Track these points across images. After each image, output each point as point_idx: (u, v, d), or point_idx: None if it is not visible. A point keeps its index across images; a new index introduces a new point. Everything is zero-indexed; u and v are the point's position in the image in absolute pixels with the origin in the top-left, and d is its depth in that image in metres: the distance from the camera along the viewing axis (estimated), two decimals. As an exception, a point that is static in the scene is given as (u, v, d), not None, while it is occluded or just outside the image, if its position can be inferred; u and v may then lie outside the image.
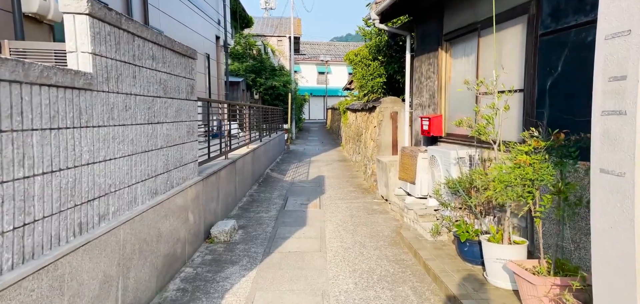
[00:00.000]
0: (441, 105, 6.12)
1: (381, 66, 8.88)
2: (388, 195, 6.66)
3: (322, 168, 11.68)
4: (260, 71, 20.92)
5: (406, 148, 6.12)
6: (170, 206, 3.94)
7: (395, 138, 8.41)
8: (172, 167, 4.13)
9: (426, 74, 6.60)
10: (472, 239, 3.69)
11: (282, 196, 7.87)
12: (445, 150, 4.91)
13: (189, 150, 4.65)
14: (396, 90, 9.42)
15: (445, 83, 6.07)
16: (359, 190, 8.42)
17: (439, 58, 6.09)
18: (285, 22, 31.70)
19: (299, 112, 25.83)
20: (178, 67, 4.33)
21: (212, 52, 13.34)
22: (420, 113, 6.80)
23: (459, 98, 5.76)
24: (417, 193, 5.65)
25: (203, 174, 5.16)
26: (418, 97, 6.95)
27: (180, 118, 4.37)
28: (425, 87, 6.66)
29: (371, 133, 9.29)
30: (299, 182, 9.46)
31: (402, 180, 6.22)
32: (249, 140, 9.07)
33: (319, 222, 6.03)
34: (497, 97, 3.51)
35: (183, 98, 4.48)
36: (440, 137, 6.09)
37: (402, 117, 8.37)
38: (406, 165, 6.01)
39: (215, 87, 13.82)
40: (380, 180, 7.11)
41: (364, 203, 7.23)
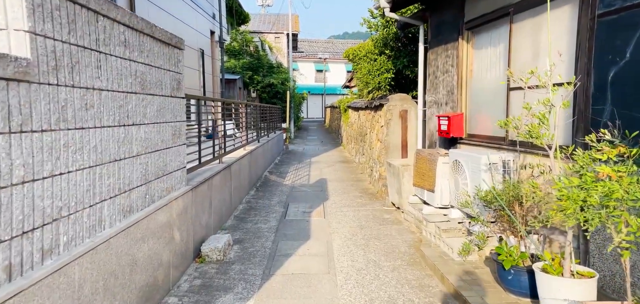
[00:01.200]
0: (461, 102, 5.44)
1: (388, 60, 8.20)
2: (401, 202, 5.99)
3: (324, 170, 11.00)
4: (258, 68, 20.22)
5: (422, 152, 5.44)
6: (150, 225, 3.25)
7: (405, 138, 7.73)
8: (153, 177, 3.44)
9: (443, 68, 5.92)
10: (518, 266, 3.01)
11: (283, 203, 7.18)
12: (474, 155, 4.24)
13: (175, 155, 3.96)
14: (403, 86, 8.75)
15: (466, 77, 5.39)
16: (365, 196, 7.75)
17: (459, 50, 5.41)
18: (282, 19, 30.97)
19: (297, 111, 25.14)
20: (160, 57, 3.63)
21: (206, 48, 12.62)
22: (436, 112, 6.12)
23: (483, 95, 5.08)
24: (436, 203, 4.97)
25: (193, 183, 4.47)
26: (433, 93, 6.27)
27: (163, 119, 3.67)
28: (441, 83, 5.99)
29: (378, 133, 8.61)
30: (300, 186, 8.77)
31: (417, 187, 5.54)
32: (246, 141, 8.38)
33: (324, 234, 5.35)
34: (552, 91, 2.83)
35: (167, 94, 3.78)
36: (460, 139, 5.42)
37: (413, 116, 7.69)
38: (423, 170, 5.33)
39: (210, 85, 13.10)
40: (391, 186, 6.44)
41: (373, 210, 6.55)
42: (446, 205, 4.93)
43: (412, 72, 7.93)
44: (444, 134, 5.50)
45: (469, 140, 5.25)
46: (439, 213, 4.98)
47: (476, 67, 5.26)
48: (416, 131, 7.72)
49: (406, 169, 5.82)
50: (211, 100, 5.55)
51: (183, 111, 4.23)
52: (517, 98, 4.27)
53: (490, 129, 4.88)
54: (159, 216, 3.46)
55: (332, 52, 43.39)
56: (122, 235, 2.78)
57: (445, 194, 4.90)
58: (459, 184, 4.47)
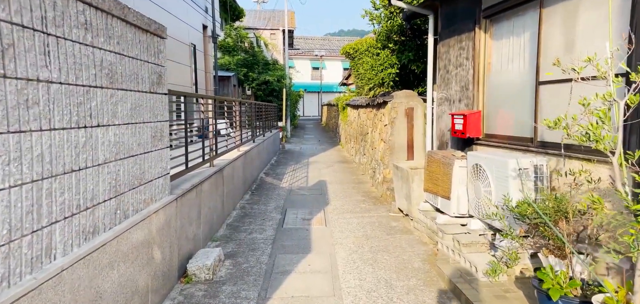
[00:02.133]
0: (478, 98, 4.92)
1: (392, 55, 7.66)
2: (410, 209, 5.46)
3: (323, 171, 10.46)
4: (253, 65, 19.61)
5: (435, 154, 4.91)
6: (121, 247, 2.69)
7: (411, 138, 7.20)
8: (127, 188, 2.88)
9: (456, 61, 5.39)
10: (567, 296, 2.49)
11: (280, 209, 6.63)
12: (499, 158, 3.70)
13: (155, 161, 3.40)
14: (408, 82, 8.22)
15: (483, 71, 4.87)
16: (369, 200, 7.21)
17: (476, 41, 4.88)
18: (278, 15, 30.37)
19: (294, 109, 24.57)
20: (136, 46, 3.07)
21: (198, 43, 12.02)
22: (448, 110, 5.59)
23: (503, 90, 4.56)
24: (452, 211, 4.45)
25: (178, 191, 3.91)
26: (444, 89, 5.74)
27: (140, 118, 3.11)
28: (454, 77, 5.46)
29: (381, 133, 8.08)
30: (298, 189, 8.23)
31: (429, 193, 5.02)
32: (240, 141, 7.81)
33: (327, 246, 4.81)
34: (614, 84, 2.30)
35: (145, 90, 3.22)
36: (477, 139, 4.90)
37: (419, 114, 7.16)
38: (436, 174, 4.80)
39: (203, 82, 12.51)
40: (398, 191, 5.91)
41: (379, 217, 6.02)
42: (463, 214, 4.41)
43: (419, 66, 7.41)
44: (458, 134, 4.97)
45: (487, 141, 4.73)
46: (455, 223, 4.45)
47: (495, 60, 4.73)
48: (423, 130, 7.20)
49: (416, 173, 5.29)
50: (200, 97, 5.00)
51: (165, 109, 3.67)
52: (549, 94, 3.75)
53: (513, 128, 4.36)
54: (134, 235, 2.90)
55: (329, 49, 42.82)
56: (80, 264, 2.22)
57: (463, 202, 4.37)
58: (481, 191, 3.94)
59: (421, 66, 7.38)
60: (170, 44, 9.67)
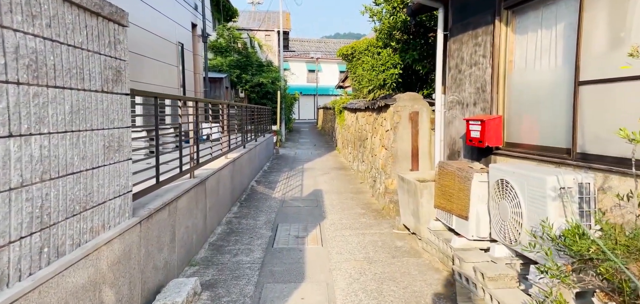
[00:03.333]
0: (497, 102, 4.27)
1: (395, 54, 7.02)
2: (418, 228, 4.80)
3: (319, 178, 9.78)
4: (246, 66, 18.93)
5: (448, 165, 4.26)
6: (46, 299, 2.01)
7: (416, 146, 6.56)
8: (61, 217, 2.20)
9: (470, 60, 4.75)
10: None
11: (270, 224, 5.94)
12: (534, 174, 3.05)
13: (110, 177, 2.71)
14: (412, 84, 7.59)
15: (504, 70, 4.23)
16: (369, 213, 6.55)
17: (496, 36, 4.24)
18: (273, 16, 29.72)
19: (288, 112, 23.90)
20: (79, 32, 2.39)
21: (187, 42, 11.33)
22: (461, 114, 4.95)
23: (529, 92, 3.92)
24: (470, 233, 3.79)
25: (143, 212, 3.22)
26: (456, 91, 5.10)
27: (85, 125, 2.43)
28: (467, 78, 4.82)
29: (382, 139, 7.43)
30: (292, 200, 7.55)
31: (441, 210, 4.36)
32: (228, 147, 7.13)
33: (323, 272, 4.13)
34: None
35: (95, 89, 2.54)
36: (496, 148, 4.25)
37: (425, 119, 6.52)
38: (449, 188, 4.15)
39: (191, 83, 11.81)
40: (403, 205, 5.26)
41: (381, 235, 5.35)
42: (484, 237, 3.75)
43: (424, 67, 6.77)
44: (474, 142, 4.33)
45: (509, 151, 4.08)
46: (474, 247, 3.80)
47: (518, 57, 4.09)
48: (429, 137, 6.56)
49: (425, 187, 4.63)
50: (177, 98, 4.32)
51: (127, 113, 2.99)
52: (592, 96, 3.10)
53: (542, 137, 3.72)
54: (72, 278, 2.21)
55: (325, 51, 42.26)
56: (-33, 338, 1.54)
57: (483, 223, 3.72)
58: (507, 213, 3.29)
59: (427, 66, 6.75)
60: (154, 42, 8.99)
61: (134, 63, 7.81)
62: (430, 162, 6.59)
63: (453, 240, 3.96)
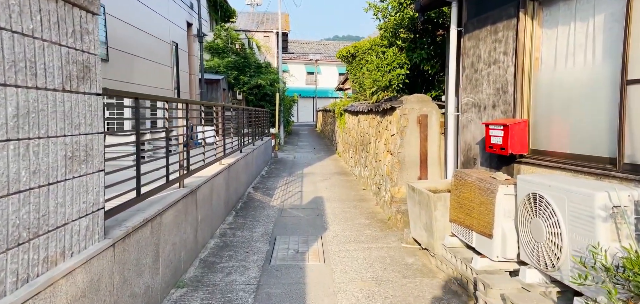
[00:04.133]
0: (521, 104, 3.83)
1: (401, 53, 6.58)
2: (431, 243, 4.34)
3: (319, 184, 9.32)
4: (244, 68, 18.47)
5: (467, 175, 3.80)
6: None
7: (425, 151, 6.11)
8: (2, 247, 1.73)
9: (488, 58, 4.31)
10: None
11: (268, 236, 5.48)
12: (577, 189, 2.60)
13: (73, 194, 2.25)
14: (415, 86, 7.13)
15: (529, 69, 3.78)
16: (375, 224, 6.08)
17: (520, 30, 3.79)
18: (272, 18, 29.30)
19: (287, 114, 23.44)
20: (31, 16, 1.93)
21: (181, 42, 10.88)
22: (477, 118, 4.50)
23: (560, 93, 3.47)
24: (495, 253, 3.33)
25: (118, 231, 2.76)
26: (471, 92, 4.65)
27: (39, 131, 1.97)
28: (485, 78, 4.37)
29: (387, 144, 6.98)
30: (291, 208, 7.08)
31: (458, 225, 3.90)
32: (223, 153, 6.66)
33: (327, 297, 3.67)
34: None
35: (53, 87, 2.08)
36: (521, 156, 3.80)
37: (434, 122, 6.08)
38: (468, 201, 3.69)
39: (186, 85, 11.35)
40: (415, 218, 4.80)
41: (389, 250, 4.89)
42: (510, 258, 3.30)
43: (433, 67, 6.33)
44: (495, 149, 3.87)
45: (536, 160, 3.63)
46: (499, 269, 3.34)
47: (546, 53, 3.64)
48: (439, 142, 6.11)
49: (439, 199, 4.17)
50: (164, 100, 3.85)
51: (98, 117, 2.53)
52: None
53: (577, 144, 3.27)
54: (14, 325, 1.75)
55: (324, 53, 41.87)
56: None
57: (510, 243, 3.26)
58: (542, 232, 2.83)
59: (436, 66, 6.31)
60: (146, 41, 8.54)
61: (123, 63, 7.38)
62: (440, 169, 6.15)
63: (474, 260, 3.50)
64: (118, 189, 3.03)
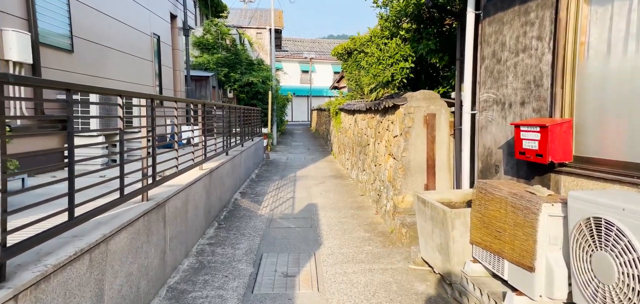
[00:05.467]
0: (561, 100, 3.10)
1: (405, 44, 5.83)
2: (447, 268, 3.59)
3: (313, 189, 8.56)
4: (235, 65, 17.65)
5: (494, 187, 3.06)
6: None
7: (433, 155, 5.37)
8: None
9: (516, 45, 3.57)
10: None
11: (253, 253, 4.72)
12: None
13: None
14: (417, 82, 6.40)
15: (573, 56, 3.05)
16: (376, 237, 5.34)
17: (560, 9, 3.06)
18: (265, 14, 28.49)
19: (281, 114, 22.64)
20: None
21: (164, 35, 10.06)
22: (501, 117, 3.77)
23: (617, 86, 2.74)
24: (537, 292, 2.60)
25: (26, 275, 1.98)
26: (493, 87, 3.92)
27: None
28: (510, 70, 3.64)
29: (389, 146, 6.23)
30: (281, 218, 6.32)
31: (483, 249, 3.16)
32: (203, 156, 5.88)
33: (321, 341, 2.91)
34: None
35: None
36: (561, 165, 3.07)
37: (443, 123, 5.35)
38: (497, 221, 2.95)
39: (170, 81, 10.53)
40: (426, 236, 4.05)
41: (394, 272, 4.15)
42: (559, 298, 2.56)
43: (442, 59, 5.59)
44: (529, 156, 3.14)
45: (584, 169, 2.90)
46: (542, 311, 2.60)
47: (596, 37, 2.91)
48: (448, 145, 5.38)
49: (458, 216, 3.43)
50: (116, 94, 3.05)
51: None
52: None
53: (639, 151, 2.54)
54: None
55: (319, 51, 41.14)
56: None
57: (559, 279, 2.52)
58: (612, 271, 2.10)
59: (445, 59, 5.57)
60: (122, 31, 7.68)
61: (92, 55, 6.57)
62: (449, 176, 5.41)
63: (508, 298, 2.76)
64: (44, 210, 2.25)
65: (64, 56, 5.93)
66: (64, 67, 5.87)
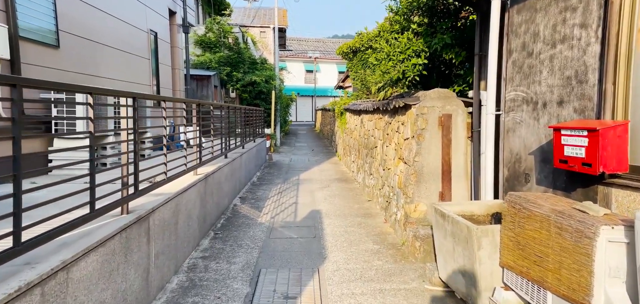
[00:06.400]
0: (614, 99, 2.60)
1: (418, 39, 5.35)
2: (472, 294, 3.09)
3: (317, 194, 8.09)
4: (238, 64, 17.22)
5: (532, 203, 2.57)
6: None
7: (448, 160, 4.88)
8: None
9: (552, 35, 3.08)
10: None
11: (250, 270, 4.25)
12: None
13: None
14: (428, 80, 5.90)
15: (629, 47, 2.55)
16: (385, 250, 4.85)
17: (612, -11, 2.56)
18: (269, 13, 28.04)
19: (284, 114, 22.19)
20: None
21: (162, 31, 9.63)
22: (533, 118, 3.27)
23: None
24: (592, 335, 2.10)
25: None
26: (523, 84, 3.42)
27: None
28: (546, 63, 3.15)
29: (399, 149, 5.74)
30: (282, 227, 5.85)
31: (517, 275, 2.67)
32: (199, 160, 5.42)
33: None
34: None
35: None
36: (612, 176, 2.57)
37: (460, 124, 4.86)
38: (536, 242, 2.46)
39: (168, 80, 10.10)
40: (445, 253, 3.56)
41: (408, 294, 3.66)
42: (620, 343, 2.06)
43: (458, 55, 5.10)
44: (573, 165, 2.64)
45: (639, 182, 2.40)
46: (598, 359, 2.11)
47: (658, 23, 2.41)
48: (465, 149, 4.89)
49: (486, 234, 2.93)
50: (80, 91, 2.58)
51: None
52: None
53: None
54: None
55: (323, 51, 40.69)
56: None
57: (622, 320, 2.03)
58: None
59: (462, 54, 5.08)
60: (116, 27, 7.23)
61: (81, 52, 6.14)
62: (466, 183, 4.92)
63: (553, 340, 2.26)
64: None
65: (49, 52, 5.49)
66: (49, 64, 5.44)
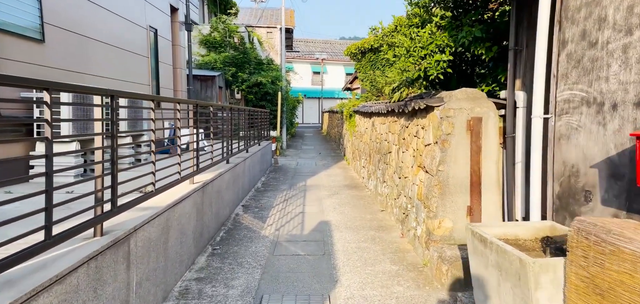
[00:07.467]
0: None
1: (442, 33, 4.75)
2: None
3: (325, 202, 7.51)
4: (243, 64, 16.72)
5: (619, 236, 1.96)
6: None
7: (478, 170, 4.27)
8: None
9: (625, 19, 2.47)
10: None
11: (250, 296, 3.68)
12: None
13: None
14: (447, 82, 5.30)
15: None
16: (405, 272, 4.25)
17: None
18: (276, 14, 27.55)
19: (291, 116, 21.65)
20: None
21: (163, 29, 9.12)
22: (596, 122, 2.66)
23: None
24: None
25: None
26: (582, 81, 2.82)
27: None
28: (616, 56, 2.54)
29: (418, 156, 5.14)
30: (288, 241, 5.27)
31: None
32: (196, 167, 4.86)
33: None
34: None
35: None
36: None
37: (492, 129, 4.26)
38: (626, 288, 1.86)
39: (170, 80, 9.59)
40: (489, 290, 2.95)
41: (439, 332, 3.07)
42: None
43: (490, 49, 4.49)
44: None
45: None
46: None
47: None
48: (497, 158, 4.30)
49: (546, 271, 2.33)
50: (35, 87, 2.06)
51: None
52: None
53: None
54: None
55: (331, 52, 40.14)
56: None
57: None
58: None
59: (493, 49, 4.47)
60: (108, 21, 6.65)
61: (70, 48, 5.63)
62: (498, 196, 4.32)
63: None
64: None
65: (32, 46, 4.99)
66: (32, 60, 4.93)
